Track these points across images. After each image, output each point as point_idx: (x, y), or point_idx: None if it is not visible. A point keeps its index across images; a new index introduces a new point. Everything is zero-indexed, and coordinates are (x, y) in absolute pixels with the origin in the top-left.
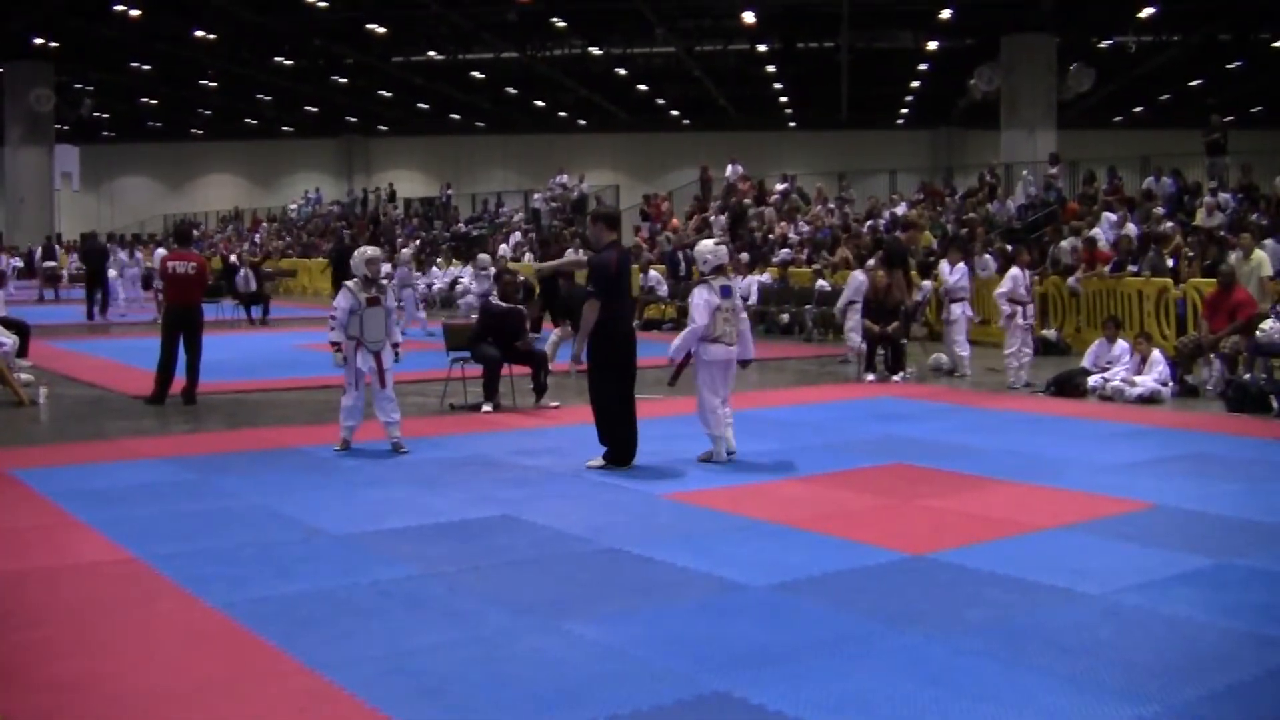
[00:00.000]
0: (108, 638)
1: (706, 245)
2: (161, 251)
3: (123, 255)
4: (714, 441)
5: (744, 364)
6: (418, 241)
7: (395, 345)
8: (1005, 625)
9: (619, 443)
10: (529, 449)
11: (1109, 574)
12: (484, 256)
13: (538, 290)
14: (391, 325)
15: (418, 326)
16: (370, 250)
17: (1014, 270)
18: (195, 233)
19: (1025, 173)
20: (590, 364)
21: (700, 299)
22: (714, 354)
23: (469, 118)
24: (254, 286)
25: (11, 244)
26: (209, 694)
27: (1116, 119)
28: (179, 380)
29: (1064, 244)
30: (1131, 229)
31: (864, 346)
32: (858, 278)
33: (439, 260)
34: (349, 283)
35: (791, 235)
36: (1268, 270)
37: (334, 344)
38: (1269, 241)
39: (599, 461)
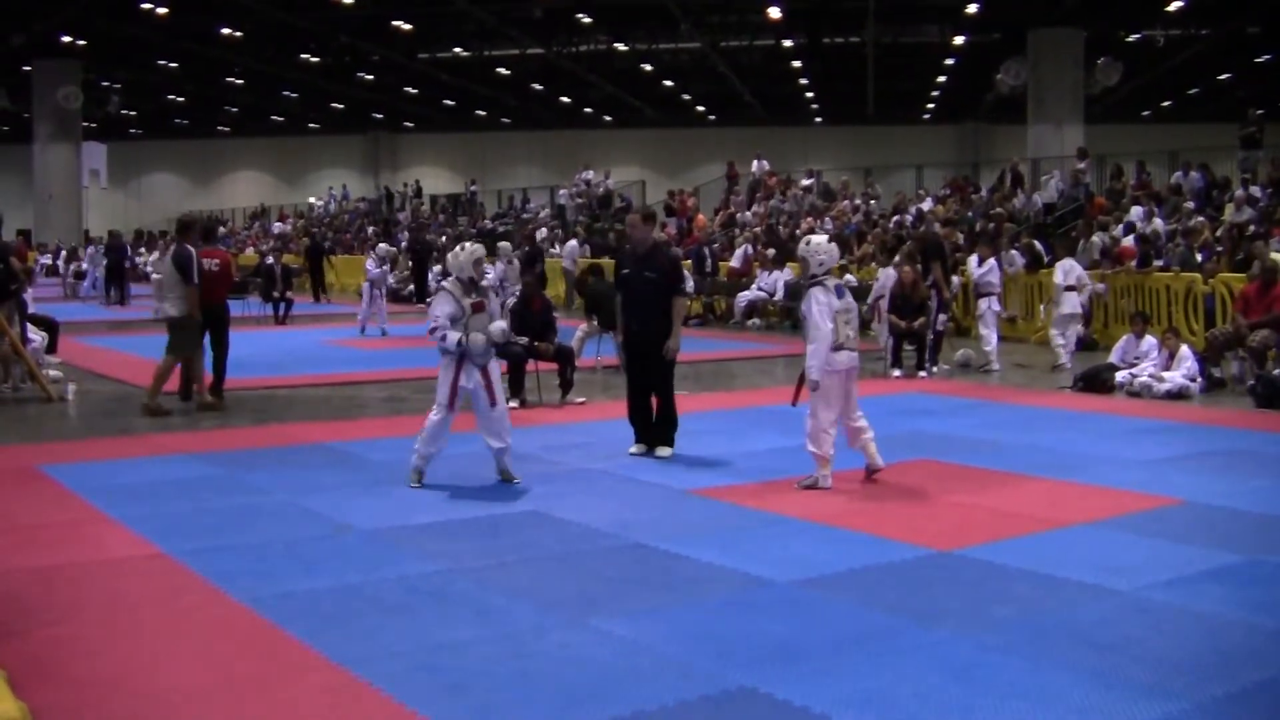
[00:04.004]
0: (135, 633)
1: (819, 242)
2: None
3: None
4: (819, 464)
5: None
6: (442, 238)
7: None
8: (1033, 621)
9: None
10: (555, 444)
11: (1138, 570)
12: (504, 245)
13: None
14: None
15: (375, 324)
16: (478, 249)
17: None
18: (221, 229)
19: (1056, 173)
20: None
21: (819, 304)
22: (836, 363)
23: (495, 114)
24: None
25: (40, 241)
26: (236, 690)
27: (1144, 113)
28: (206, 376)
29: (1094, 239)
30: (1158, 224)
31: (891, 342)
32: (889, 274)
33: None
34: (448, 284)
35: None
36: None
37: (457, 344)
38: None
39: (668, 451)
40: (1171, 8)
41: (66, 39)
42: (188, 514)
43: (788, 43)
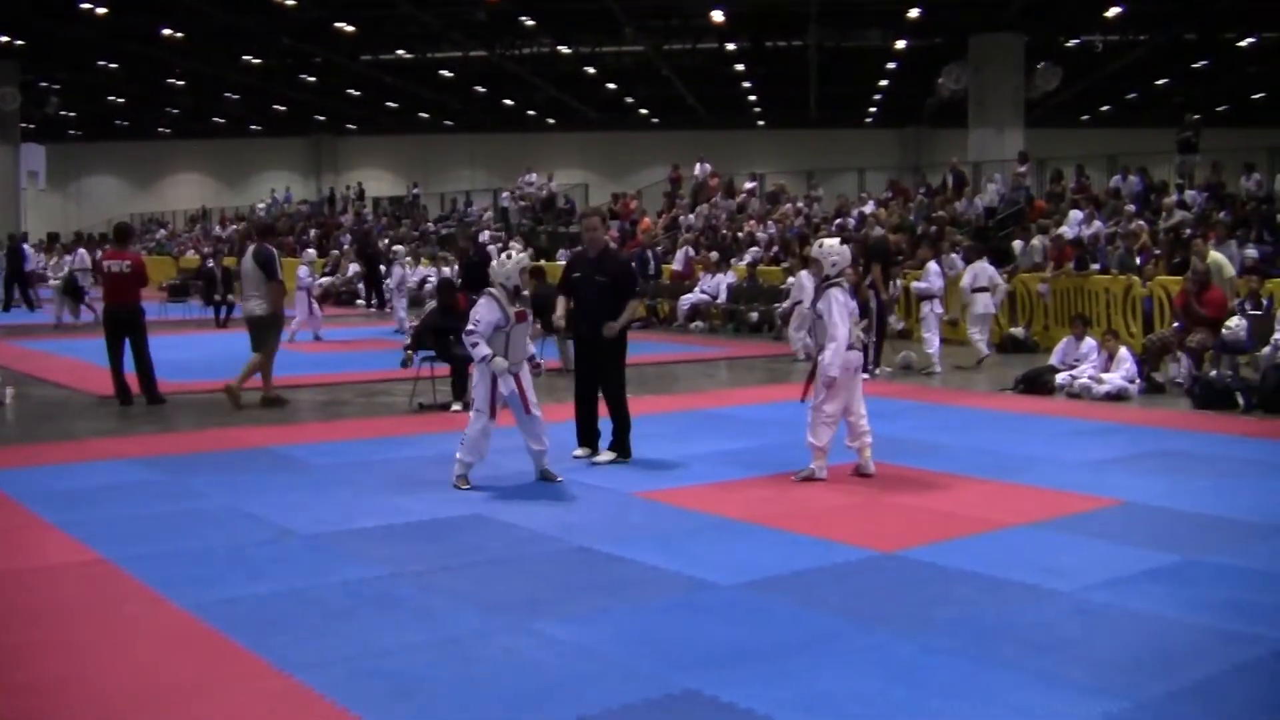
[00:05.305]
0: (77, 641)
1: (833, 245)
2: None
3: None
4: (815, 455)
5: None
6: (383, 241)
7: (532, 360)
8: (975, 623)
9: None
10: (498, 448)
11: (1078, 571)
12: (399, 248)
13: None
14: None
15: (307, 328)
16: (523, 258)
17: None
18: (163, 232)
19: (998, 176)
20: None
21: (837, 304)
22: (849, 360)
23: (438, 116)
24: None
25: None
26: (179, 696)
27: (1084, 118)
28: (134, 376)
29: (1034, 242)
30: (1098, 226)
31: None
32: (803, 279)
33: (408, 259)
34: (494, 291)
35: (760, 234)
36: (1230, 272)
37: (484, 359)
38: (1215, 249)
39: (608, 456)
40: (1110, 14)
41: (4, 39)
42: (129, 519)
43: (731, 46)
